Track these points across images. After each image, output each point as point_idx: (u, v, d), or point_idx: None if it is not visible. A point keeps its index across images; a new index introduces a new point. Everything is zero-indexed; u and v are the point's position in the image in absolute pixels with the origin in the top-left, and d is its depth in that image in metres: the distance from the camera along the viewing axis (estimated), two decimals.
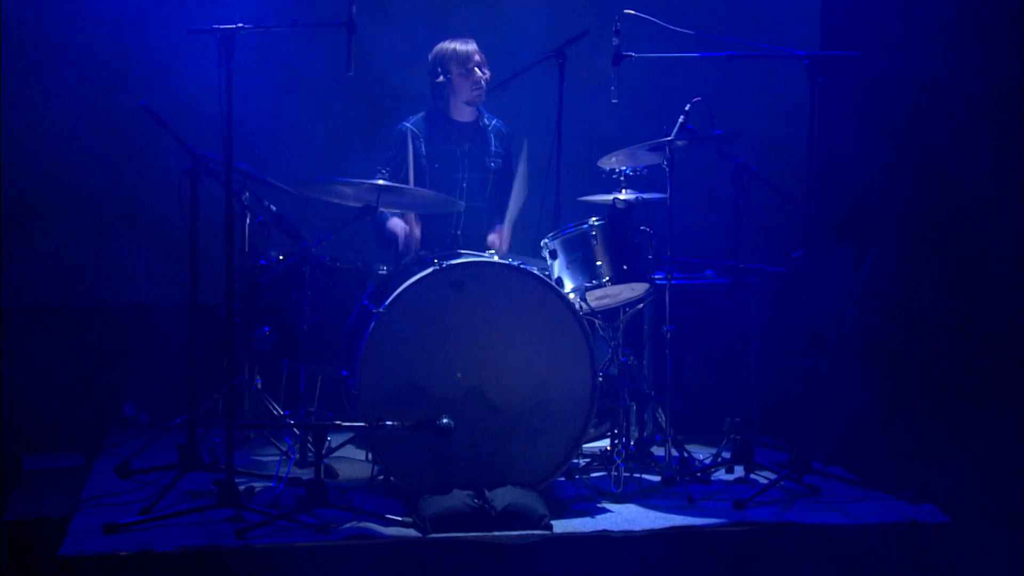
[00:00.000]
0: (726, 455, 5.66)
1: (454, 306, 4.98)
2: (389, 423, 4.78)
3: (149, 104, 5.01)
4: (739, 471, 5.62)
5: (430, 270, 4.98)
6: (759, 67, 7.01)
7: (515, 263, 5.09)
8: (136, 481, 5.32)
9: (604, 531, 4.74)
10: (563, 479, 5.39)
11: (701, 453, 5.94)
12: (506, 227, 5.94)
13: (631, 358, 5.91)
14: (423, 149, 5.96)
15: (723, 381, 6.47)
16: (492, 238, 6.03)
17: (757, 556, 4.71)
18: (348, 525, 4.68)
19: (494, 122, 6.19)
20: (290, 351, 5.57)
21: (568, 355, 5.07)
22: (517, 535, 4.65)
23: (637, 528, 4.78)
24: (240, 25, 4.69)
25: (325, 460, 5.51)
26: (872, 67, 7.32)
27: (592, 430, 6.00)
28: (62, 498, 5.16)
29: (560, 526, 4.77)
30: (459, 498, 4.73)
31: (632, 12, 5.61)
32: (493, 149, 6.14)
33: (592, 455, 5.72)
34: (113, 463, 5.54)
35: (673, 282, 6.31)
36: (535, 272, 5.10)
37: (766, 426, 6.38)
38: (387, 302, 4.94)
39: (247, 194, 5.74)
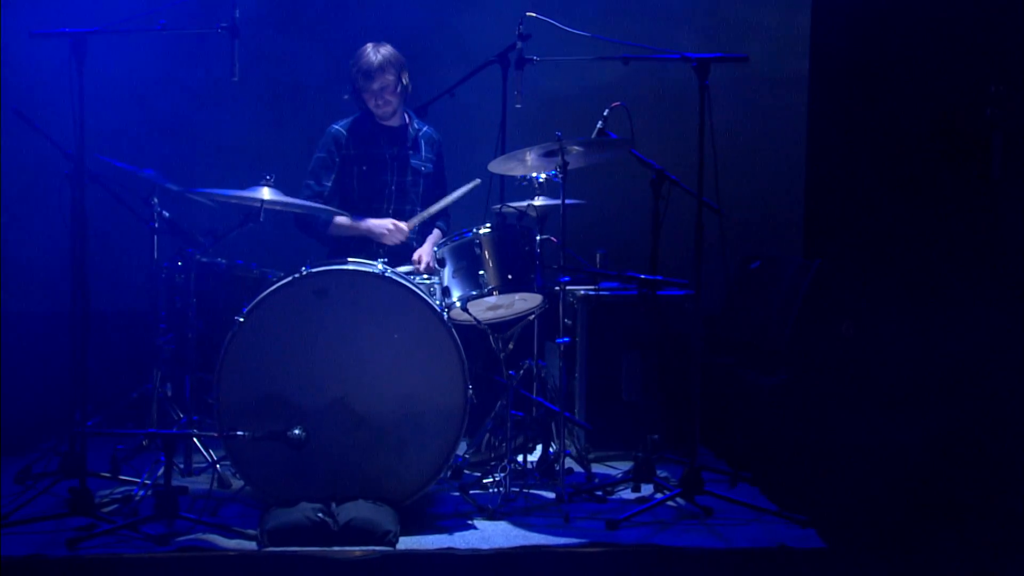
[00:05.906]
0: None
1: (317, 315, 4.86)
2: (239, 433, 4.69)
3: (21, 110, 4.99)
4: (648, 489, 5.41)
5: (290, 278, 4.88)
6: (751, 70, 6.81)
7: (381, 271, 4.95)
8: (26, 487, 5.28)
9: (449, 549, 4.57)
10: (457, 494, 5.23)
11: (621, 471, 5.74)
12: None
13: (543, 369, 5.72)
14: (351, 152, 5.89)
15: (658, 396, 6.20)
16: (416, 255, 5.87)
17: None
18: (190, 536, 4.59)
19: (424, 128, 6.10)
20: (184, 359, 5.51)
21: (438, 367, 4.90)
22: (357, 551, 4.50)
23: (486, 547, 4.60)
24: (93, 28, 4.66)
25: (218, 469, 5.49)
26: (867, 70, 7.04)
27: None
28: None
29: (410, 542, 4.62)
30: (303, 512, 4.60)
31: (533, 15, 5.46)
32: (424, 154, 6.05)
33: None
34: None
35: (603, 293, 6.19)
36: (402, 281, 4.96)
37: (708, 444, 6.14)
38: (245, 310, 4.85)
39: (155, 200, 5.72)
